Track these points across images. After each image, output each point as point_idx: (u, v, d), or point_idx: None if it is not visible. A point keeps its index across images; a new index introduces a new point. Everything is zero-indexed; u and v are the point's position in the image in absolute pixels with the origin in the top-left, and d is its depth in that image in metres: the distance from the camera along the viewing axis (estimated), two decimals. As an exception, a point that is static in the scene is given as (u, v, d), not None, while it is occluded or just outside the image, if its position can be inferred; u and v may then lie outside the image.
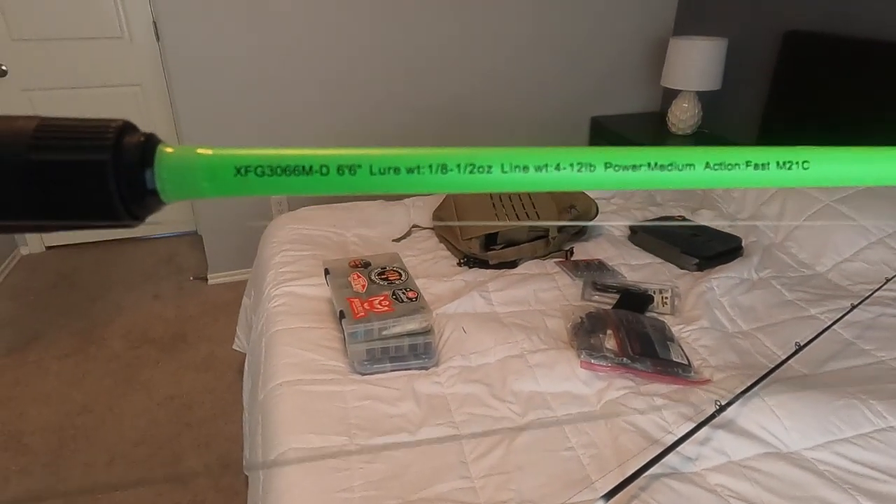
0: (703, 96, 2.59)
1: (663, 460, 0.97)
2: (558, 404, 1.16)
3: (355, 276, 1.37)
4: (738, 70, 2.53)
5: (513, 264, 1.67)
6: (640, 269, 1.67)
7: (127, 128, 0.25)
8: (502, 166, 0.25)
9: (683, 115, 2.60)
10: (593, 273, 1.62)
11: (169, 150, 0.25)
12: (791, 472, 0.99)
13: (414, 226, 1.89)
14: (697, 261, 1.65)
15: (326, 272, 1.42)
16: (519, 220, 1.69)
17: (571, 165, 0.25)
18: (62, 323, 2.41)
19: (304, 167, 0.24)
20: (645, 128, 2.81)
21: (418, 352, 1.26)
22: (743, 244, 1.74)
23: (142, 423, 1.90)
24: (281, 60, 2.40)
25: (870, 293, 1.40)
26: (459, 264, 1.67)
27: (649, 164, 0.25)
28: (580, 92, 2.90)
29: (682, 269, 1.66)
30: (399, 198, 2.06)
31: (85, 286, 2.70)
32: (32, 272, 2.82)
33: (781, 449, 1.05)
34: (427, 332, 1.27)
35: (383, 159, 0.24)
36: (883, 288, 1.45)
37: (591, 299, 1.52)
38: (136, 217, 0.25)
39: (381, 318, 1.23)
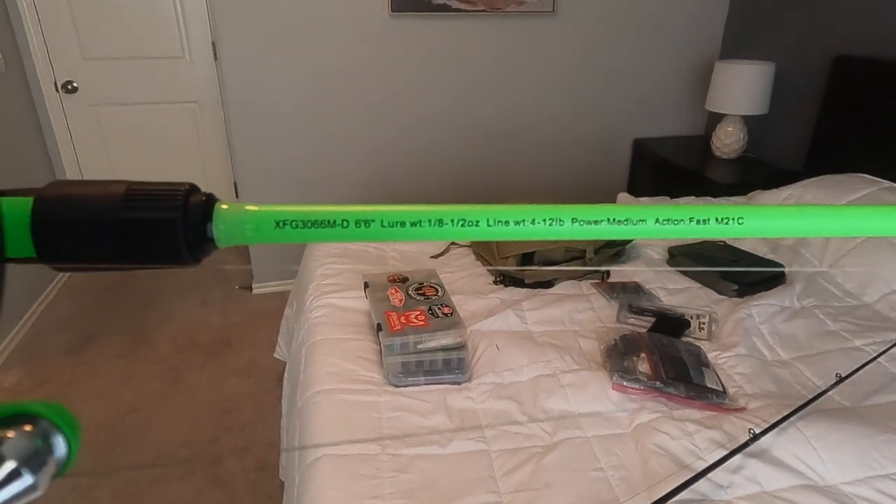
0: (748, 120, 2.56)
1: (693, 486, 0.96)
2: (589, 425, 1.17)
3: (393, 291, 1.41)
4: (786, 95, 2.49)
5: (548, 284, 1.68)
6: (677, 293, 1.65)
7: (192, 190, 0.30)
8: (488, 221, 0.29)
9: (728, 139, 2.57)
10: (629, 295, 1.62)
11: (224, 207, 0.30)
12: (827, 505, 0.97)
13: (452, 243, 1.93)
14: (737, 287, 1.62)
15: (366, 286, 1.46)
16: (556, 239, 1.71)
17: (544, 220, 0.29)
18: (116, 325, 2.53)
19: (329, 221, 0.29)
20: (688, 151, 2.78)
21: (452, 367, 1.29)
22: (786, 271, 1.71)
23: (185, 424, 1.98)
24: (330, 83, 2.50)
25: (918, 326, 1.36)
26: (495, 282, 1.69)
27: (609, 220, 0.29)
28: (623, 113, 2.91)
29: (720, 294, 1.64)
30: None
31: (139, 290, 2.84)
32: (92, 274, 2.98)
33: (818, 482, 1.03)
34: (461, 347, 1.29)
35: (392, 215, 0.29)
36: (933, 321, 1.41)
37: (627, 322, 1.51)
38: (197, 260, 0.30)
39: (416, 332, 1.27)
